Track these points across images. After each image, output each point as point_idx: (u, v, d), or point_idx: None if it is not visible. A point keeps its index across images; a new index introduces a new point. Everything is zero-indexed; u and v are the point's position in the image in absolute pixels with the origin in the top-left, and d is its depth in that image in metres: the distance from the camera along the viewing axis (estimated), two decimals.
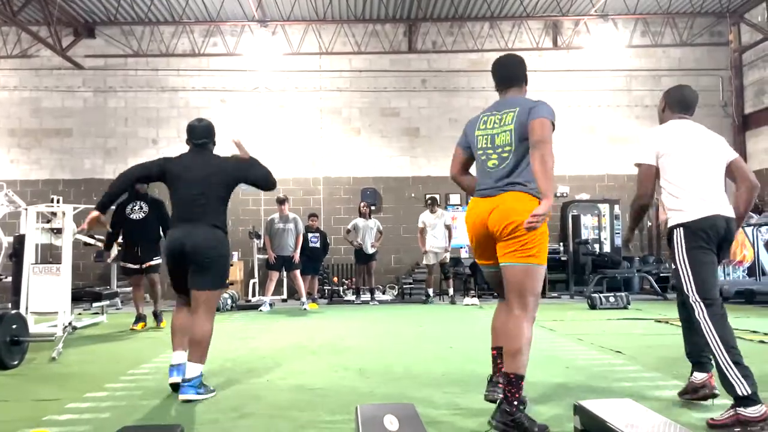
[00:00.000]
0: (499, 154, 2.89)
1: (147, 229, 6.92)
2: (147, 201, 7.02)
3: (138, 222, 6.91)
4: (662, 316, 7.42)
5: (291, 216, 9.30)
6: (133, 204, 6.96)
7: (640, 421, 2.34)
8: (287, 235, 9.17)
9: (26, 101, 12.25)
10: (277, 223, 9.23)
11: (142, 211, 6.95)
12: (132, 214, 6.93)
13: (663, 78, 12.89)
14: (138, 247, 6.93)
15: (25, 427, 2.85)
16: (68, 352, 5.11)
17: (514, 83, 3.09)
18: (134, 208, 6.94)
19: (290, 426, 2.84)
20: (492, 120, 2.98)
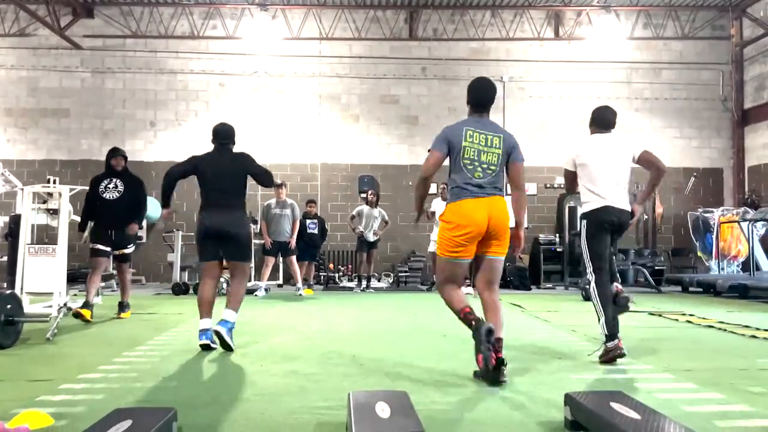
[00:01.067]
0: (484, 170, 3.61)
1: (121, 211, 6.19)
2: (124, 179, 6.28)
3: (111, 203, 6.17)
4: (656, 309, 7.46)
5: (288, 201, 9.28)
6: (108, 181, 6.23)
7: (630, 412, 2.35)
8: (284, 220, 9.16)
9: (23, 80, 12.17)
10: (274, 208, 9.21)
11: (117, 191, 6.21)
12: (105, 192, 6.21)
13: (664, 71, 12.87)
14: (112, 230, 6.20)
15: (19, 407, 2.86)
16: (63, 333, 5.12)
17: (490, 107, 3.77)
18: (108, 186, 6.21)
19: (283, 411, 2.86)
20: (478, 137, 3.63)
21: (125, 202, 6.20)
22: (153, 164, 12.21)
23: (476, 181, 3.56)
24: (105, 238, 6.17)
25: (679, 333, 5.50)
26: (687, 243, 12.52)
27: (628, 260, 11.21)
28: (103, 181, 6.24)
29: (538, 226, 12.46)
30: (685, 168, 12.87)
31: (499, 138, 3.68)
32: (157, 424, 2.32)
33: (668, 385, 3.41)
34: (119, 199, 6.18)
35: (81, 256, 11.60)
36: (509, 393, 3.20)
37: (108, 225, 6.17)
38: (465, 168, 3.58)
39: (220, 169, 4.67)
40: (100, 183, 6.23)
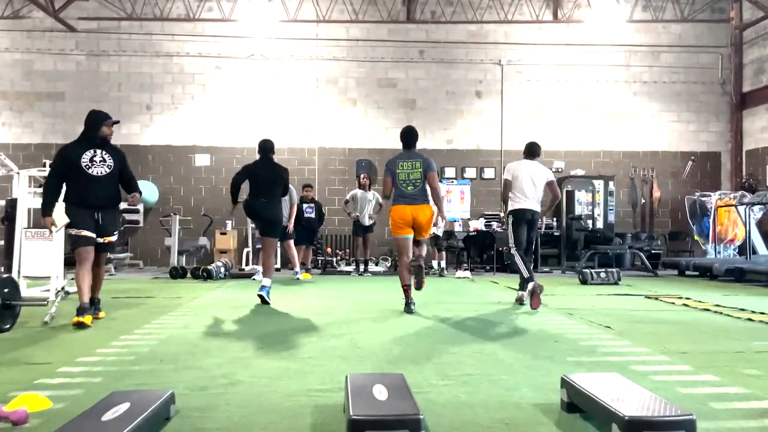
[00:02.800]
0: (414, 184, 5.70)
1: (111, 190, 5.08)
2: (111, 151, 5.09)
3: (99, 180, 4.97)
4: (652, 292, 7.49)
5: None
6: (93, 153, 4.97)
7: (626, 394, 2.36)
8: (281, 204, 9.11)
9: (18, 63, 12.07)
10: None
11: (105, 165, 4.99)
12: (91, 167, 4.95)
13: (662, 54, 12.80)
14: (99, 213, 5.01)
15: (17, 390, 2.87)
16: (60, 317, 5.11)
17: (414, 144, 5.94)
18: (94, 159, 4.96)
19: (280, 394, 2.87)
20: (407, 164, 5.74)
21: (116, 179, 5.10)
22: (149, 148, 12.16)
23: (407, 194, 5.70)
24: (91, 223, 4.99)
25: (675, 316, 5.52)
26: (684, 227, 12.54)
27: (625, 244, 11.23)
28: (85, 152, 4.96)
29: None
30: (682, 152, 12.85)
31: (420, 161, 5.74)
32: (155, 406, 2.33)
33: (664, 368, 3.43)
34: (110, 176, 5.01)
35: None
36: (506, 375, 3.21)
37: (95, 206, 4.99)
38: (400, 185, 5.72)
39: (265, 175, 6.55)
40: (80, 155, 4.94)
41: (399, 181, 5.70)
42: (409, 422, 2.08)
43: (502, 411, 2.61)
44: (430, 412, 2.52)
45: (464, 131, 12.60)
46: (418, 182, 5.66)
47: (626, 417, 2.10)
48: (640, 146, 12.79)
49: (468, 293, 7.46)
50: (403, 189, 5.69)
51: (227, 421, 2.48)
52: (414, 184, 5.67)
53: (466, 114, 12.62)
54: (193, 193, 12.22)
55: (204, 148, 12.21)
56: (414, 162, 5.71)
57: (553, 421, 2.49)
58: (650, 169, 12.71)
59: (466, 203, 12.36)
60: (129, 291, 7.48)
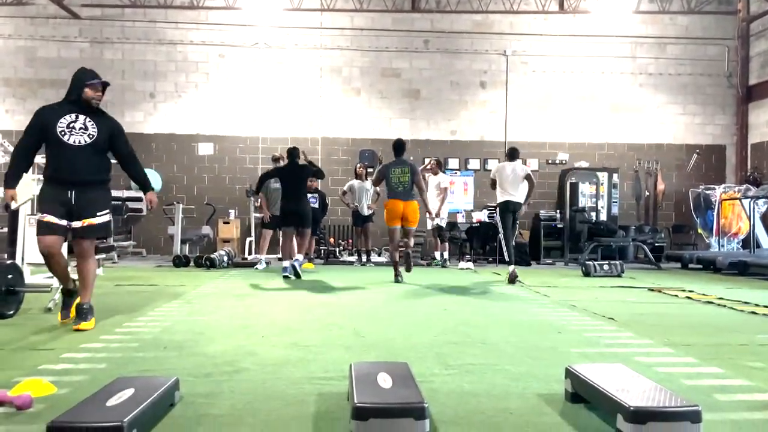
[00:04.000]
0: (404, 185, 7.31)
1: (91, 164, 4.14)
2: (100, 120, 4.20)
3: (75, 150, 4.06)
4: (655, 285, 7.47)
5: None
6: (73, 118, 4.10)
7: (631, 385, 2.36)
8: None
9: (21, 50, 12.03)
10: (273, 182, 9.15)
11: (87, 134, 4.09)
12: (68, 134, 4.06)
13: (669, 46, 12.71)
14: (74, 190, 4.10)
15: (21, 375, 2.87)
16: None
17: (403, 153, 7.49)
18: (73, 126, 4.08)
19: (284, 382, 2.87)
20: (398, 170, 7.35)
21: (101, 152, 4.22)
22: (153, 136, 12.14)
23: (398, 192, 7.35)
24: (59, 206, 4.07)
25: (679, 309, 5.52)
26: (688, 220, 12.50)
27: (629, 236, 11.20)
28: (64, 116, 4.09)
29: (539, 202, 12.43)
30: (687, 145, 12.79)
31: (408, 168, 7.37)
32: (159, 392, 2.33)
33: (668, 359, 3.43)
34: (91, 147, 4.11)
35: None
36: (510, 366, 3.21)
37: (69, 182, 4.09)
38: (393, 186, 7.38)
39: (293, 176, 7.99)
40: (57, 119, 4.07)
41: (392, 183, 7.35)
42: (414, 410, 2.08)
43: (506, 400, 2.61)
44: (434, 400, 2.52)
45: (468, 122, 12.55)
46: (407, 184, 7.32)
47: (631, 407, 2.10)
48: (644, 138, 12.73)
49: (471, 284, 7.45)
50: (396, 189, 7.34)
51: (231, 408, 2.48)
52: (404, 186, 7.32)
53: (470, 105, 12.57)
54: (196, 181, 12.20)
55: (207, 137, 12.18)
56: (404, 168, 7.36)
57: (557, 411, 2.48)
58: (655, 162, 12.66)
59: (469, 194, 12.33)
60: (132, 279, 7.48)
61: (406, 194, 7.32)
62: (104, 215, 4.25)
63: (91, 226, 4.17)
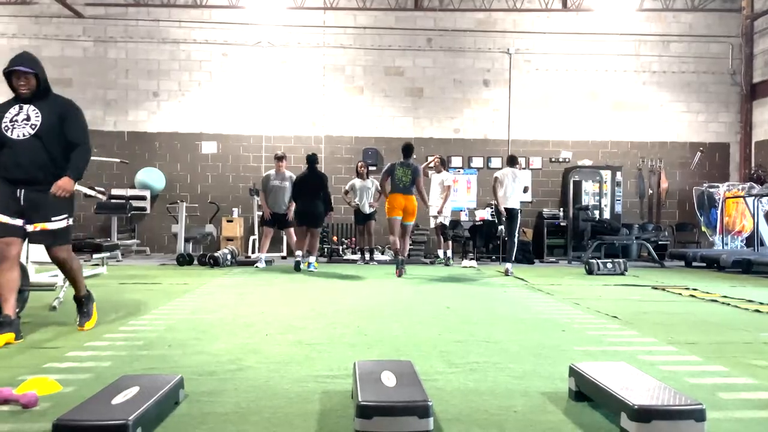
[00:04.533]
0: (404, 183, 8.17)
1: (37, 158, 3.71)
2: (45, 106, 3.77)
3: (19, 145, 3.69)
4: (659, 283, 7.47)
5: (287, 174, 9.23)
6: (17, 110, 3.76)
7: (635, 383, 2.36)
8: (283, 192, 9.13)
9: (25, 49, 12.02)
10: (273, 180, 9.16)
11: (29, 125, 3.70)
12: (11, 128, 3.70)
13: (672, 44, 12.69)
14: (23, 189, 3.73)
15: (26, 373, 2.89)
16: (69, 302, 5.12)
17: (411, 156, 8.32)
18: (16, 119, 3.73)
19: (288, 380, 2.88)
20: (402, 170, 8.18)
21: (49, 143, 3.74)
22: (156, 135, 12.16)
23: (400, 187, 8.19)
24: (12, 204, 3.72)
25: (682, 307, 5.51)
26: (691, 218, 12.49)
27: (632, 235, 11.19)
28: (10, 109, 3.77)
29: (542, 200, 12.43)
30: (691, 143, 12.76)
31: (411, 169, 8.22)
32: (164, 390, 2.34)
33: (672, 358, 3.42)
34: (35, 139, 3.71)
35: (86, 227, 11.65)
36: (513, 364, 3.21)
37: (16, 180, 3.72)
38: (397, 183, 8.21)
39: (310, 182, 8.80)
40: (2, 115, 3.75)
41: (396, 179, 8.22)
42: (418, 408, 2.08)
43: (510, 399, 2.61)
44: (438, 399, 2.53)
45: (471, 120, 12.55)
46: (408, 182, 8.22)
47: (635, 406, 2.10)
48: (648, 136, 12.71)
49: (474, 282, 7.46)
50: (398, 185, 8.22)
51: (236, 406, 2.49)
52: (405, 183, 8.21)
53: (474, 103, 12.56)
54: (199, 180, 12.23)
55: (211, 136, 12.21)
56: (407, 169, 8.23)
57: (561, 410, 2.49)
58: (658, 160, 12.64)
59: (472, 193, 12.34)
60: (136, 277, 7.51)
61: (406, 190, 8.22)
62: (60, 220, 3.79)
63: (45, 231, 3.75)
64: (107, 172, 11.78)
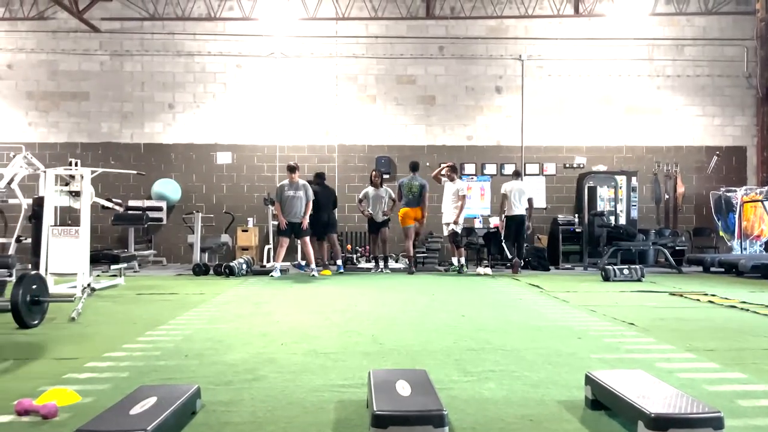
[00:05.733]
0: (414, 195, 9.91)
1: None
2: None
3: None
4: (677, 289, 7.39)
5: (301, 183, 9.34)
6: None
7: (652, 391, 2.34)
8: (297, 201, 9.27)
9: (43, 64, 12.26)
10: (287, 190, 9.30)
11: None
12: None
13: (686, 47, 12.60)
14: None
15: (46, 384, 2.93)
16: (87, 313, 5.20)
17: (418, 171, 10.08)
18: None
19: (303, 389, 2.89)
20: (411, 184, 9.93)
21: None
22: (172, 146, 12.29)
23: (410, 200, 9.83)
24: None
25: (700, 313, 5.45)
26: (709, 222, 12.35)
27: (649, 240, 11.09)
28: None
29: (556, 207, 12.37)
30: (707, 146, 12.64)
31: (418, 184, 9.84)
32: (181, 400, 2.36)
33: (690, 365, 3.39)
34: None
35: (103, 238, 11.79)
36: (529, 372, 3.20)
37: None
38: (406, 195, 9.84)
39: (322, 196, 9.92)
40: None
41: (405, 193, 9.86)
42: (433, 417, 2.09)
43: (526, 407, 2.60)
44: (453, 407, 2.53)
45: (484, 127, 12.54)
46: (416, 195, 9.85)
47: (652, 414, 2.08)
48: (663, 141, 12.61)
49: (488, 290, 7.43)
50: (408, 197, 9.85)
51: (252, 416, 2.51)
52: (414, 196, 9.85)
53: (486, 110, 12.55)
54: (214, 190, 12.33)
55: (225, 146, 12.31)
56: (416, 183, 9.87)
57: (577, 418, 2.47)
58: (674, 164, 12.53)
59: (486, 200, 12.31)
60: (153, 287, 7.58)
61: (415, 202, 9.88)
62: None
63: None
64: (124, 183, 11.92)
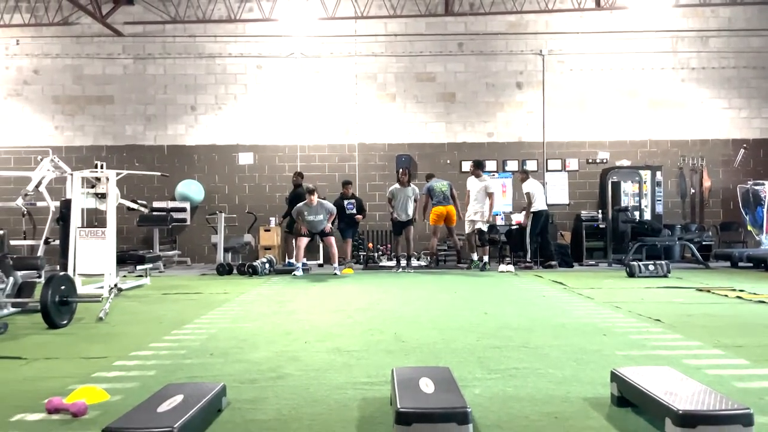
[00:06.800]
0: (444, 194, 9.86)
1: None
2: None
3: None
4: (704, 284, 7.27)
5: (321, 204, 9.54)
6: None
7: (679, 388, 2.31)
8: (318, 223, 9.52)
9: (68, 68, 12.47)
10: (307, 215, 9.45)
11: None
12: None
13: (711, 39, 12.37)
14: None
15: (75, 383, 2.98)
16: (114, 313, 5.29)
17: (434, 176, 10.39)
18: None
19: (327, 387, 2.91)
20: (439, 185, 9.95)
21: None
22: (195, 148, 12.42)
23: (439, 200, 9.78)
24: None
25: (729, 309, 5.35)
26: (736, 217, 12.11)
27: (675, 235, 10.93)
28: None
29: (579, 203, 12.24)
30: (734, 139, 12.40)
31: (447, 184, 9.96)
32: (207, 398, 2.40)
33: (719, 361, 3.34)
34: None
35: (129, 239, 11.96)
36: (554, 369, 3.18)
37: None
38: (435, 196, 9.81)
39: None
40: None
41: (436, 194, 9.83)
42: (457, 415, 2.08)
43: (551, 405, 2.59)
44: (476, 405, 2.52)
45: (505, 124, 12.45)
46: (446, 194, 9.82)
47: (680, 411, 2.06)
48: (688, 134, 12.40)
49: (511, 287, 7.39)
50: (439, 198, 9.80)
51: (277, 413, 2.53)
52: (444, 195, 9.80)
53: (507, 106, 12.47)
54: (237, 191, 12.43)
55: (247, 147, 12.40)
56: (443, 184, 9.96)
57: (603, 415, 2.45)
58: (700, 158, 12.32)
59: (508, 196, 12.23)
60: (178, 287, 7.67)
61: (446, 201, 9.83)
62: None
63: None
64: (148, 185, 12.08)
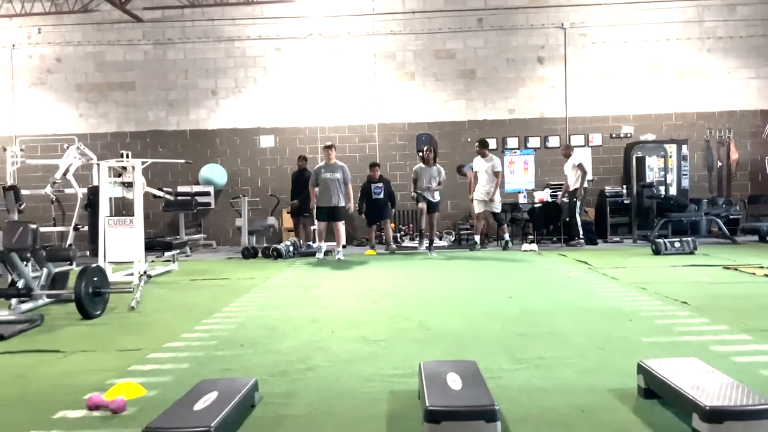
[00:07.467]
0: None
1: None
2: None
3: None
4: (731, 261, 7.18)
5: (338, 164, 9.24)
6: None
7: (707, 381, 2.32)
8: (333, 184, 9.07)
9: (90, 56, 12.58)
10: (323, 172, 9.15)
11: None
12: None
13: (738, 6, 12.02)
14: None
15: (113, 377, 3.08)
16: (145, 301, 5.41)
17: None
18: None
19: (356, 379, 2.96)
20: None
21: None
22: (217, 132, 12.51)
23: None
24: None
25: (756, 289, 5.29)
26: (765, 190, 11.88)
27: (701, 210, 10.77)
28: None
29: (603, 178, 12.11)
30: (762, 110, 12.11)
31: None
32: (241, 394, 2.47)
33: (747, 348, 3.32)
34: None
35: (155, 224, 12.15)
36: (580, 358, 3.20)
37: None
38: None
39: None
40: None
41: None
42: (485, 413, 2.12)
43: (577, 396, 2.61)
44: (503, 398, 2.55)
45: (526, 99, 12.31)
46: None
47: (707, 407, 2.07)
48: (715, 106, 12.14)
49: (535, 268, 7.38)
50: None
51: (309, 407, 2.59)
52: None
53: (528, 81, 12.30)
54: (259, 174, 12.52)
55: (268, 130, 12.45)
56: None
57: (630, 408, 2.47)
58: (727, 130, 12.07)
59: (530, 173, 12.13)
60: (205, 272, 7.79)
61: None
62: None
63: None
64: (172, 170, 12.21)
